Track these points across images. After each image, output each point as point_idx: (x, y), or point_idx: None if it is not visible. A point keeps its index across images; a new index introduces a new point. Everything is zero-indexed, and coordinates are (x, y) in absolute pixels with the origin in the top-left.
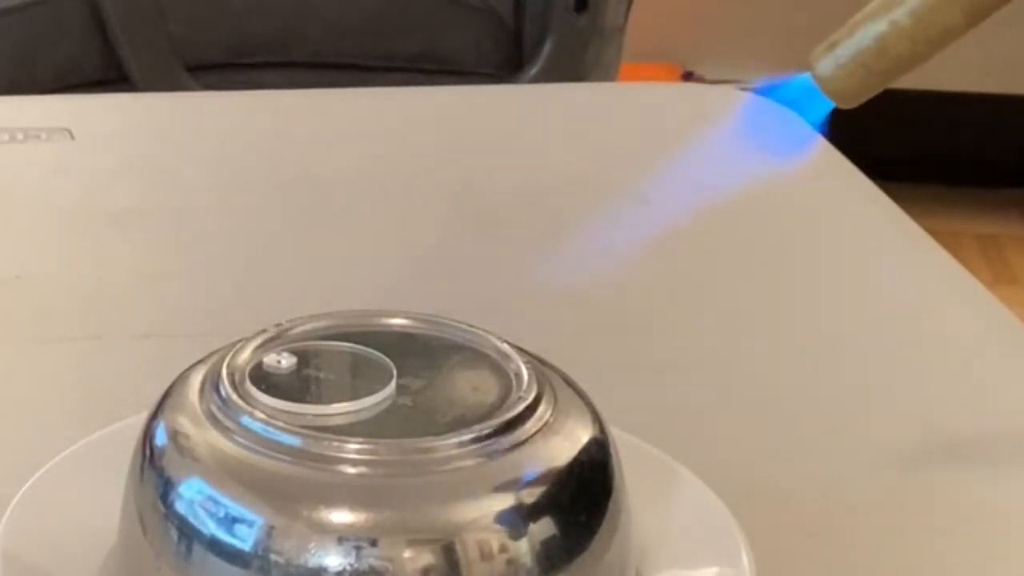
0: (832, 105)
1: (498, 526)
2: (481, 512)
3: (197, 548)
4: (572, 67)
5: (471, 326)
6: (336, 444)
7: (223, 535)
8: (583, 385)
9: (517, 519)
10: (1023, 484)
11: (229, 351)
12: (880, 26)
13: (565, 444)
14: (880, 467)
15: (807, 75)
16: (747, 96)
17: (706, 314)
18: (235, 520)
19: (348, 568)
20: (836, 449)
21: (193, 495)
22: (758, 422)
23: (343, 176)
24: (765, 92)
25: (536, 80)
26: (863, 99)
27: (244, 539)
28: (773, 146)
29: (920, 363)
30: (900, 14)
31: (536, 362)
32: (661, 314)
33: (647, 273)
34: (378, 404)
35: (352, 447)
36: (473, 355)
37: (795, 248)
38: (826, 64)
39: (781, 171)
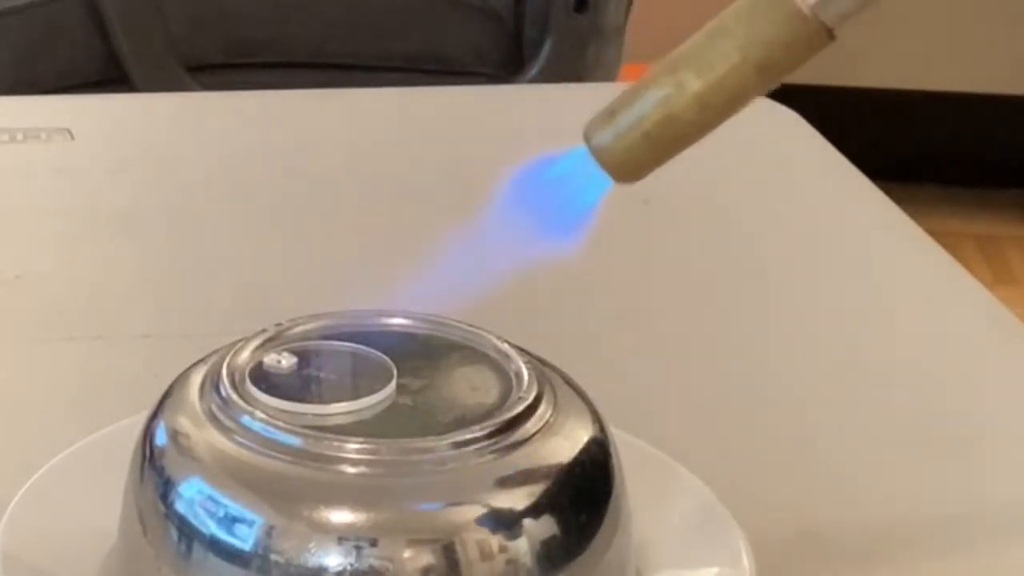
0: (610, 180)
1: (498, 526)
2: (481, 512)
3: (197, 548)
4: (572, 67)
5: (471, 326)
6: (336, 444)
7: (223, 535)
8: (583, 385)
9: (517, 519)
10: (1023, 483)
11: (229, 351)
12: (665, 90)
13: (565, 444)
14: (879, 467)
15: (583, 147)
16: None
17: (706, 314)
18: (235, 520)
19: (348, 568)
20: (836, 449)
21: (193, 495)
22: (758, 422)
23: (343, 176)
24: (536, 166)
25: (536, 80)
26: (646, 173)
27: (244, 539)
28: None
29: (920, 363)
30: (688, 76)
31: (536, 362)
32: (661, 314)
33: (647, 273)
34: (378, 404)
35: (352, 447)
36: (473, 355)
37: (795, 248)
38: (605, 135)
39: (782, 171)
